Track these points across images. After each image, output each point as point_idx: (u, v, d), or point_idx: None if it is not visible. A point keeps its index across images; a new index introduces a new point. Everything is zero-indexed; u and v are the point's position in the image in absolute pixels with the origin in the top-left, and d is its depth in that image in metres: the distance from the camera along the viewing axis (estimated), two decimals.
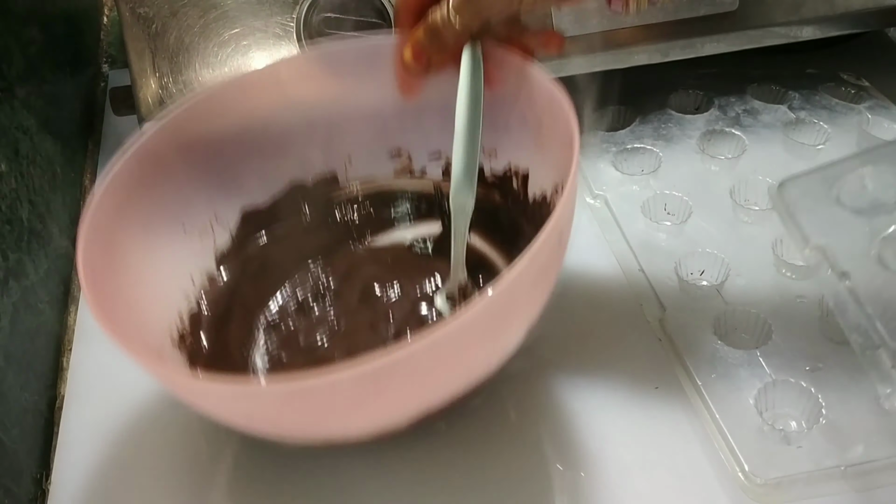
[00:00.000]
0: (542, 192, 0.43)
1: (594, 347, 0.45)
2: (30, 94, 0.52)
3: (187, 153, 0.42)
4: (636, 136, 0.58)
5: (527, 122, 0.42)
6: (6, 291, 0.42)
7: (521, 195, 0.45)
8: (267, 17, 0.53)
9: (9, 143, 0.47)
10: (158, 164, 0.41)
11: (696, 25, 0.55)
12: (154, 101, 0.53)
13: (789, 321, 0.43)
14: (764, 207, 0.51)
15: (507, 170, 0.46)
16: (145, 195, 0.40)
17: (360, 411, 0.32)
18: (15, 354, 0.42)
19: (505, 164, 0.46)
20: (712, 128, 0.58)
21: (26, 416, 0.42)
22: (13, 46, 0.51)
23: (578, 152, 0.35)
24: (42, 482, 0.41)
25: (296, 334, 0.44)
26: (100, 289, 0.35)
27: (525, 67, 0.40)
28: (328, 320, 0.45)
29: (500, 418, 0.41)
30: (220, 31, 0.53)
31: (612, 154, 0.56)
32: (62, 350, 0.49)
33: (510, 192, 0.46)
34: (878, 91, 0.60)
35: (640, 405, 0.41)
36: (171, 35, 0.52)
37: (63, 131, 0.58)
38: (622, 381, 0.43)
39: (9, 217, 0.45)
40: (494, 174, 0.47)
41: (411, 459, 0.40)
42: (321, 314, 0.45)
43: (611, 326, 0.46)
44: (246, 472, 0.40)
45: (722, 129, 0.57)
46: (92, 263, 0.35)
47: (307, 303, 0.46)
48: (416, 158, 0.49)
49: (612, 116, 0.60)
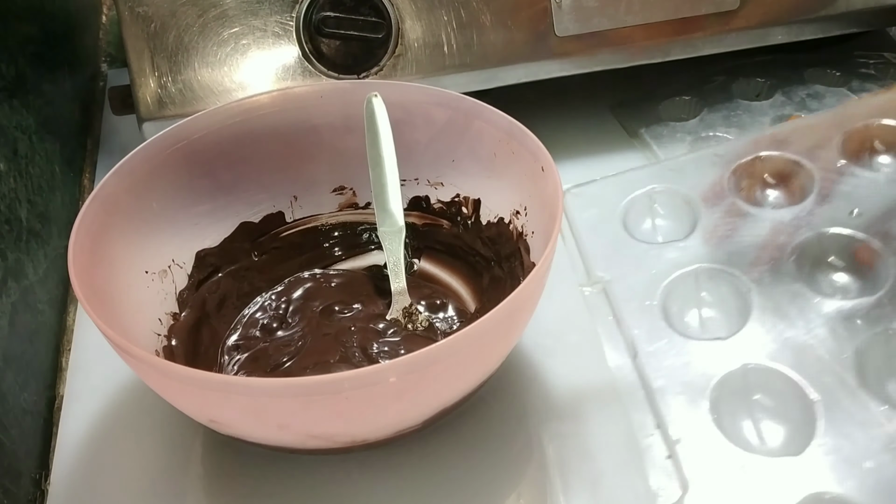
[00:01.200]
0: (498, 216, 0.46)
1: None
2: (28, 93, 0.52)
3: (141, 199, 0.43)
4: (707, 125, 0.59)
5: (476, 154, 0.45)
6: (5, 291, 0.42)
7: (473, 220, 0.48)
8: (266, 17, 0.53)
9: (7, 143, 0.47)
10: (116, 209, 0.42)
11: (697, 24, 0.55)
12: (153, 100, 0.52)
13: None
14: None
15: (456, 197, 0.49)
16: (112, 239, 0.41)
17: (328, 421, 0.34)
18: (14, 354, 0.42)
19: (453, 193, 0.49)
20: (780, 113, 0.59)
21: (25, 416, 0.42)
22: (12, 45, 0.51)
23: (560, 187, 0.38)
24: (41, 482, 0.41)
25: (260, 354, 0.45)
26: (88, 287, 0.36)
27: (472, 108, 0.44)
28: (291, 341, 0.45)
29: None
30: (220, 30, 0.53)
31: (688, 143, 0.57)
32: (61, 350, 0.49)
33: (460, 217, 0.49)
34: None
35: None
36: (170, 34, 0.52)
37: (62, 131, 0.58)
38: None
39: (8, 217, 0.45)
40: (441, 202, 0.49)
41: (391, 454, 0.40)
42: (283, 336, 0.46)
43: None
44: (253, 478, 0.40)
45: (791, 113, 0.59)
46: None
47: (268, 327, 0.46)
48: (361, 194, 0.51)
49: (677, 107, 0.61)
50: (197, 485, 0.40)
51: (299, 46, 0.53)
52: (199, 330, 0.45)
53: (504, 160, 0.44)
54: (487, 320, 0.32)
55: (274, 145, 0.48)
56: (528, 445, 0.40)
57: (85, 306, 0.34)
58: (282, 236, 0.50)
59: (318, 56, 0.53)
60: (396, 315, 0.45)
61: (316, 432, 0.35)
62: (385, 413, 0.35)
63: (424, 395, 0.35)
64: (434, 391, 0.35)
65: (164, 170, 0.44)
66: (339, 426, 0.35)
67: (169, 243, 0.45)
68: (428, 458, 0.40)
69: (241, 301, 0.48)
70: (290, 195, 0.50)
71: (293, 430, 0.35)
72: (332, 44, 0.53)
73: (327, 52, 0.54)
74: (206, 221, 0.47)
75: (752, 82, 0.64)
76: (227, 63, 0.53)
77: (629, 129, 0.61)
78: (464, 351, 0.33)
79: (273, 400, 0.32)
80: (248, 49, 0.53)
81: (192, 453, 0.41)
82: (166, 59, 0.52)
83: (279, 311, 0.47)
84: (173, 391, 0.36)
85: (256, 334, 0.46)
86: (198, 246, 0.47)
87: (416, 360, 0.32)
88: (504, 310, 0.33)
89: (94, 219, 0.39)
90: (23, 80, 0.52)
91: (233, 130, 0.47)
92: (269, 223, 0.50)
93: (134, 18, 0.52)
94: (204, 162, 0.46)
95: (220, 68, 0.53)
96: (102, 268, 0.39)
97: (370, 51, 0.53)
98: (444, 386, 0.36)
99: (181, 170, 0.45)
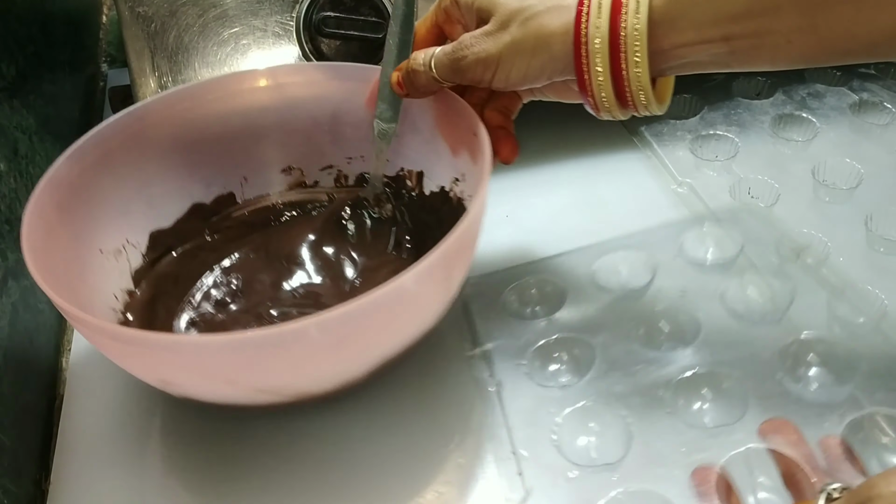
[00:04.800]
0: (440, 186, 0.49)
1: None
2: (29, 93, 0.52)
3: (94, 181, 0.45)
4: (708, 123, 0.60)
5: (418, 129, 0.47)
6: (6, 291, 0.42)
7: (418, 192, 0.50)
8: (266, 17, 0.53)
9: (8, 143, 0.47)
10: (70, 191, 0.43)
11: None
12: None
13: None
14: (847, 187, 0.53)
15: (400, 171, 0.51)
16: (66, 220, 0.43)
17: (273, 372, 0.36)
18: (15, 354, 0.42)
19: (398, 168, 0.51)
20: (781, 112, 0.60)
21: (26, 416, 0.42)
22: (13, 46, 0.51)
23: (489, 145, 0.40)
24: (41, 483, 0.41)
25: (217, 328, 0.46)
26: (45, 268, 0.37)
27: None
28: (244, 313, 0.47)
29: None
30: (220, 30, 0.53)
31: (689, 141, 0.58)
32: (61, 350, 0.49)
33: (405, 190, 0.51)
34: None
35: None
36: (170, 34, 0.52)
37: (62, 131, 0.58)
38: None
39: (8, 217, 0.45)
40: (387, 177, 0.51)
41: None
42: (237, 310, 0.47)
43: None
44: (260, 482, 0.40)
45: (791, 112, 0.60)
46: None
47: (222, 301, 0.48)
48: (308, 173, 0.52)
49: (678, 105, 0.61)
50: (202, 483, 0.40)
51: (299, 46, 0.53)
52: (154, 306, 0.46)
53: (444, 131, 0.46)
54: (415, 270, 0.34)
55: (222, 128, 0.49)
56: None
57: (37, 279, 0.35)
58: (233, 216, 0.52)
59: (318, 56, 0.54)
60: (367, 196, 0.48)
61: (263, 386, 0.37)
62: (326, 364, 0.36)
63: (360, 347, 0.37)
64: (369, 343, 0.37)
65: (116, 153, 0.46)
66: (284, 378, 0.37)
67: (123, 224, 0.47)
68: (378, 411, 0.42)
69: (195, 278, 0.49)
70: (240, 176, 0.52)
71: (241, 384, 0.36)
72: (332, 44, 0.53)
73: (327, 52, 0.54)
74: (160, 203, 0.49)
75: (752, 81, 0.64)
76: (228, 63, 0.53)
77: (629, 127, 0.61)
78: (388, 305, 0.35)
79: (218, 355, 0.34)
80: (248, 49, 0.53)
81: (194, 453, 0.41)
82: (166, 59, 0.52)
83: (231, 285, 0.48)
84: (124, 354, 0.37)
85: (210, 310, 0.47)
86: (152, 226, 0.49)
87: (346, 313, 0.33)
88: (440, 254, 0.34)
89: (48, 200, 0.41)
90: (23, 80, 0.52)
91: (182, 115, 0.48)
92: (220, 204, 0.52)
93: (134, 18, 0.52)
94: (155, 145, 0.48)
95: (221, 68, 0.53)
96: (58, 247, 0.41)
97: (370, 51, 0.53)
98: (380, 337, 0.37)
99: (133, 153, 0.47)
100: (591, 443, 0.39)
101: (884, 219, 0.50)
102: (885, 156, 0.57)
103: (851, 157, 0.55)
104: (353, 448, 0.41)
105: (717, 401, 0.40)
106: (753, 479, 0.36)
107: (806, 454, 0.35)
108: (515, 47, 0.38)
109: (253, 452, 0.41)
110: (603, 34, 0.36)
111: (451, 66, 0.40)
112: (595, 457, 0.38)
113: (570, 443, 0.39)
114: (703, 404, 0.40)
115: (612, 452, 0.38)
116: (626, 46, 0.36)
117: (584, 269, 0.49)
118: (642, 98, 0.37)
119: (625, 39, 0.36)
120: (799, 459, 0.35)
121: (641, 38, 0.35)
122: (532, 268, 0.49)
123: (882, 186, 0.53)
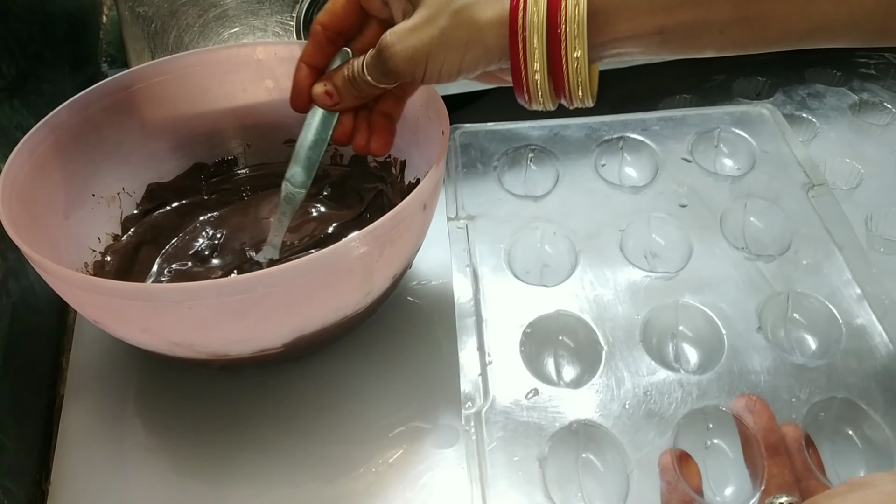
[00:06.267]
0: (417, 177, 0.50)
1: None
2: (29, 93, 0.52)
3: (94, 130, 0.47)
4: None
5: (405, 121, 0.47)
6: (5, 291, 0.42)
7: (399, 179, 0.52)
8: (267, 17, 0.53)
9: (8, 143, 0.47)
10: (67, 136, 0.45)
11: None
12: None
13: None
14: (846, 187, 0.53)
15: (388, 158, 0.52)
16: (61, 163, 0.45)
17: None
18: (15, 354, 0.42)
19: (386, 155, 0.52)
20: (781, 112, 0.60)
21: (26, 416, 0.42)
22: (13, 46, 0.51)
23: (446, 141, 0.43)
24: (41, 482, 0.41)
25: (193, 267, 0.48)
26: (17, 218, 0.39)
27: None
28: (219, 268, 0.48)
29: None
30: (220, 30, 0.53)
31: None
32: (62, 350, 0.49)
33: (388, 176, 0.53)
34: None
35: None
36: (170, 34, 0.52)
37: None
38: None
39: None
40: (377, 161, 0.53)
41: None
42: (216, 265, 0.49)
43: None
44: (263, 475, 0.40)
45: (791, 112, 0.60)
46: (11, 215, 0.39)
47: (201, 255, 0.49)
48: None
49: (677, 106, 0.62)
50: (202, 483, 0.40)
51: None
52: (136, 252, 0.48)
53: (423, 125, 0.47)
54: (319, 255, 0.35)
55: (228, 94, 0.51)
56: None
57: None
58: (233, 179, 0.54)
59: None
60: (262, 260, 0.47)
61: (175, 339, 0.38)
62: (230, 329, 0.37)
63: (274, 316, 0.38)
64: (282, 314, 0.38)
65: (119, 107, 0.48)
66: (194, 336, 0.38)
67: (123, 172, 0.49)
68: (340, 371, 0.45)
69: (184, 233, 0.51)
70: (243, 143, 0.54)
71: (155, 334, 0.38)
72: None
73: None
74: (162, 157, 0.51)
75: (752, 81, 0.64)
76: None
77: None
78: (295, 278, 0.36)
79: (130, 302, 0.35)
80: None
81: (195, 452, 0.41)
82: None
83: (214, 240, 0.50)
84: (63, 292, 0.38)
85: (188, 262, 0.48)
86: (151, 178, 0.51)
87: (253, 279, 0.35)
88: (369, 232, 0.36)
89: (41, 140, 0.43)
90: (23, 80, 0.52)
91: (191, 80, 0.50)
92: (222, 166, 0.54)
93: (134, 18, 0.52)
94: (160, 104, 0.49)
95: None
96: (43, 185, 0.43)
97: None
98: (289, 311, 0.38)
99: (136, 109, 0.49)
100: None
101: (884, 219, 0.50)
102: (885, 156, 0.57)
103: (851, 157, 0.55)
104: (330, 394, 0.44)
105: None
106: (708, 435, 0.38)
107: (772, 443, 0.35)
108: (445, 41, 0.36)
109: (253, 455, 0.41)
110: (541, 26, 0.35)
111: (380, 68, 0.38)
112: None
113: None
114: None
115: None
116: (566, 38, 0.35)
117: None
118: (580, 92, 0.36)
119: (564, 31, 0.35)
120: (763, 448, 0.35)
121: (581, 29, 0.34)
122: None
123: (882, 186, 0.54)
